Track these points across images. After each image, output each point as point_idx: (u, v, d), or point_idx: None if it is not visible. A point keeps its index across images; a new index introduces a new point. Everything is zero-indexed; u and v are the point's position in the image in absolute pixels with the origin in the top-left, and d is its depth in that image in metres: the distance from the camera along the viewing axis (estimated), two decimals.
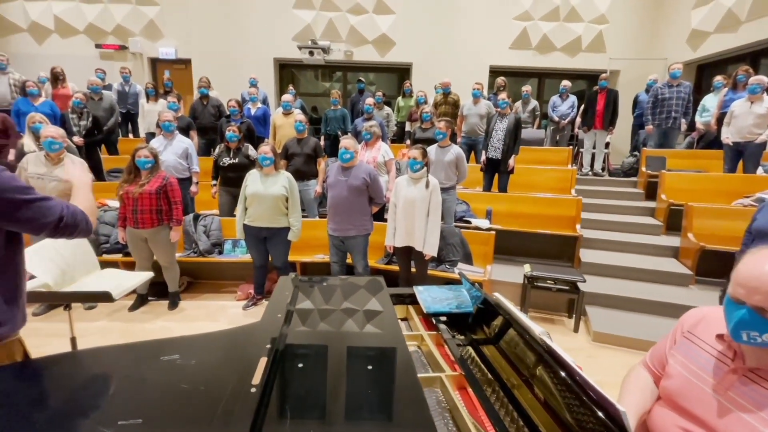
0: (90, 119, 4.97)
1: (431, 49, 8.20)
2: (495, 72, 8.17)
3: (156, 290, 3.66)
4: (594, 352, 3.09)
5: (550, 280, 3.40)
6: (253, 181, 3.35)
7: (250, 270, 4.06)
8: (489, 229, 4.04)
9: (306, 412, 0.84)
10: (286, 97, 5.40)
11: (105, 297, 1.53)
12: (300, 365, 1.02)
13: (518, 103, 6.65)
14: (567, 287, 3.37)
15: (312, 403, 0.86)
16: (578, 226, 4.23)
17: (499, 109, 4.78)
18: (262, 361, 0.91)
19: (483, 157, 4.86)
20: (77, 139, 4.71)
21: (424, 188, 3.06)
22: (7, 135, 4.39)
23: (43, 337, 3.07)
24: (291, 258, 3.66)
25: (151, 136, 5.62)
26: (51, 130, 3.22)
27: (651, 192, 5.19)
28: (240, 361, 0.99)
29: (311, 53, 7.64)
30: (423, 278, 3.27)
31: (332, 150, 5.84)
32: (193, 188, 4.37)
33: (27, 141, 3.84)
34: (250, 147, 4.28)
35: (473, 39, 8.15)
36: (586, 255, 4.15)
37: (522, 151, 4.90)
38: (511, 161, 4.63)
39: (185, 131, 4.94)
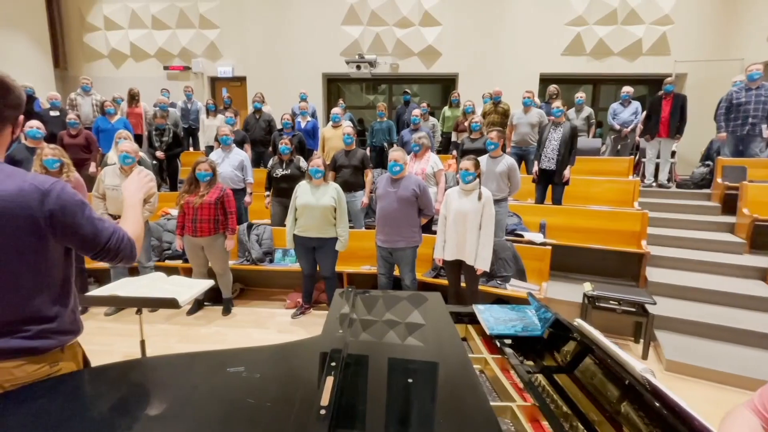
0: (171, 135, 5.38)
1: (478, 58, 8.09)
2: (546, 80, 7.87)
3: (211, 296, 3.82)
4: (669, 383, 2.78)
5: (614, 301, 3.13)
6: (303, 193, 3.42)
7: (298, 279, 4.14)
8: (544, 244, 3.83)
9: None
10: (336, 110, 5.53)
11: (172, 303, 1.60)
12: (365, 386, 0.98)
13: (571, 111, 6.33)
14: (633, 309, 3.09)
15: (381, 430, 0.81)
16: (644, 242, 3.89)
17: (552, 118, 4.57)
18: (329, 381, 0.88)
19: (535, 168, 4.65)
20: (159, 153, 5.12)
21: (477, 200, 2.96)
22: (89, 150, 4.87)
23: (113, 336, 3.30)
24: (338, 268, 3.68)
25: (209, 149, 5.97)
26: (126, 145, 3.50)
27: (729, 205, 4.68)
28: (304, 378, 0.97)
29: (358, 67, 7.81)
30: (473, 294, 3.14)
31: (378, 161, 5.88)
32: (247, 198, 4.56)
33: (111, 154, 4.22)
34: (302, 159, 4.41)
35: (522, 47, 7.94)
36: (653, 274, 3.79)
37: (577, 161, 4.63)
38: (567, 172, 4.39)
39: (240, 144, 5.20)
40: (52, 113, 5.57)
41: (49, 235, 0.98)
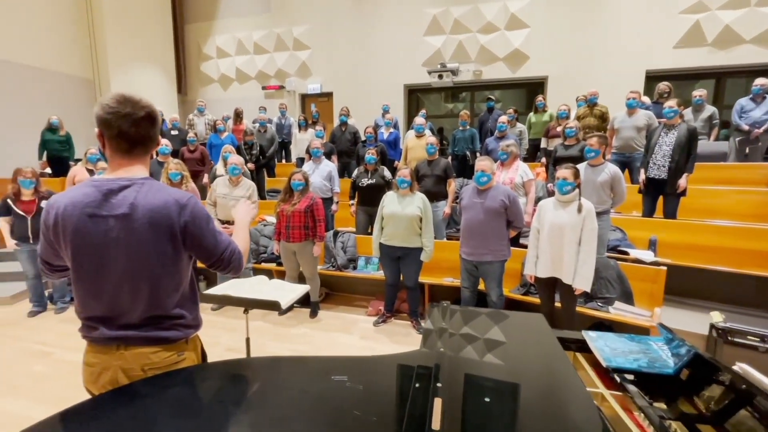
0: (258, 149, 5.95)
1: (571, 59, 7.52)
2: (654, 77, 7.00)
3: (299, 298, 4.05)
4: None
5: (754, 337, 2.59)
6: (390, 202, 3.47)
7: (380, 287, 4.20)
8: (656, 263, 3.35)
9: None
10: (418, 120, 5.56)
11: (274, 306, 1.72)
12: (475, 411, 0.92)
13: (687, 111, 5.50)
14: None
15: None
16: None
17: (664, 120, 4.02)
18: (438, 403, 0.84)
19: (641, 177, 4.13)
20: (249, 165, 5.68)
21: (576, 212, 2.70)
22: (203, 163, 5.57)
23: (218, 329, 3.68)
24: (420, 279, 3.65)
25: (300, 161, 6.43)
26: (235, 158, 3.93)
27: None
28: (408, 394, 0.95)
29: (440, 76, 7.79)
30: (570, 316, 2.86)
31: (460, 170, 5.76)
32: (333, 207, 4.78)
33: (219, 167, 4.78)
34: (386, 169, 4.49)
35: (624, 42, 7.18)
36: None
37: (696, 168, 3.99)
38: (683, 181, 3.81)
39: (328, 156, 5.50)
40: (173, 132, 6.53)
41: (181, 243, 1.11)
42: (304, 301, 4.03)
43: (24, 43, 7.22)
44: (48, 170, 6.32)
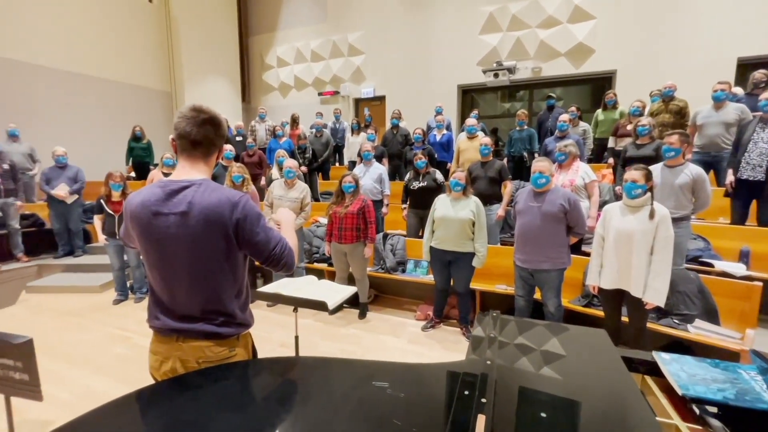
0: (310, 153, 6.18)
1: (644, 49, 6.87)
2: (746, 65, 6.16)
3: (349, 299, 4.11)
4: None
5: None
6: (442, 205, 3.40)
7: (428, 291, 4.14)
8: (749, 278, 2.92)
9: None
10: (470, 121, 5.41)
11: (322, 306, 1.75)
12: (524, 427, 0.85)
13: None
14: None
15: None
16: None
17: (760, 113, 3.51)
18: (481, 420, 0.79)
19: (729, 179, 3.64)
20: (302, 168, 5.91)
21: (647, 219, 2.44)
22: (261, 167, 5.90)
23: (272, 324, 3.85)
24: (471, 285, 3.53)
25: (352, 164, 6.56)
26: (290, 162, 4.11)
27: None
28: (450, 406, 0.90)
29: (496, 75, 7.53)
30: (639, 332, 2.59)
31: (516, 172, 5.51)
32: (384, 209, 4.80)
33: (274, 171, 5.03)
34: (437, 171, 4.42)
35: (709, 28, 6.41)
36: None
37: None
38: None
39: (379, 159, 5.55)
40: (238, 138, 6.99)
41: (234, 240, 1.16)
42: (353, 302, 4.09)
43: (114, 62, 8.18)
44: (133, 174, 7.08)
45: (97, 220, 4.29)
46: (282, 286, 2.14)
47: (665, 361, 1.24)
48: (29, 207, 5.62)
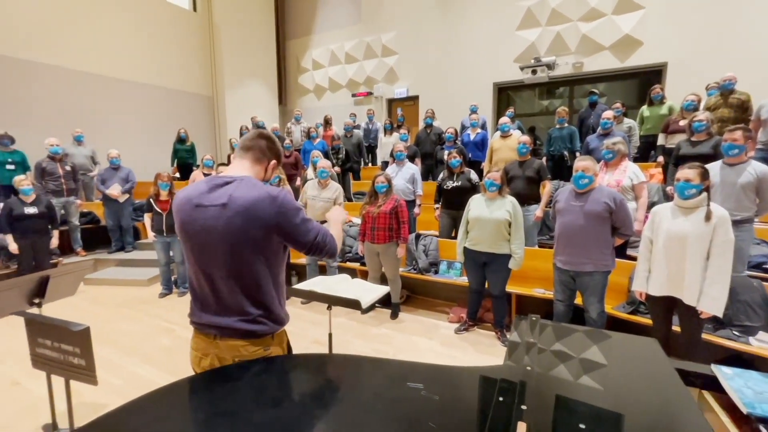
0: (344, 153, 6.26)
1: (699, 40, 6.39)
2: None
3: (381, 298, 4.11)
4: None
5: None
6: (476, 205, 3.33)
7: (461, 293, 4.06)
8: None
9: None
10: (505, 119, 5.27)
11: (356, 305, 1.75)
12: None
13: None
14: None
15: None
16: None
17: None
18: (522, 428, 0.76)
19: None
20: (336, 168, 5.99)
21: (703, 221, 2.26)
22: (297, 167, 6.03)
23: (305, 322, 3.93)
24: (507, 288, 3.42)
25: (385, 164, 6.57)
26: (324, 163, 4.17)
27: None
28: (488, 411, 0.87)
29: (534, 72, 7.28)
30: (693, 344, 2.40)
31: (555, 172, 5.29)
32: (416, 210, 4.77)
33: (310, 171, 5.13)
34: (472, 171, 4.34)
35: None
36: None
37: None
38: None
39: (411, 159, 5.52)
40: None
41: (274, 233, 1.19)
42: (386, 302, 4.09)
43: (161, 69, 8.68)
44: (177, 175, 7.48)
45: (146, 218, 4.57)
46: (316, 283, 2.17)
47: (727, 375, 1.13)
48: (87, 205, 6.07)
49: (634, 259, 3.54)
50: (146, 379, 2.90)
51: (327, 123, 7.78)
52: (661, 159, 4.60)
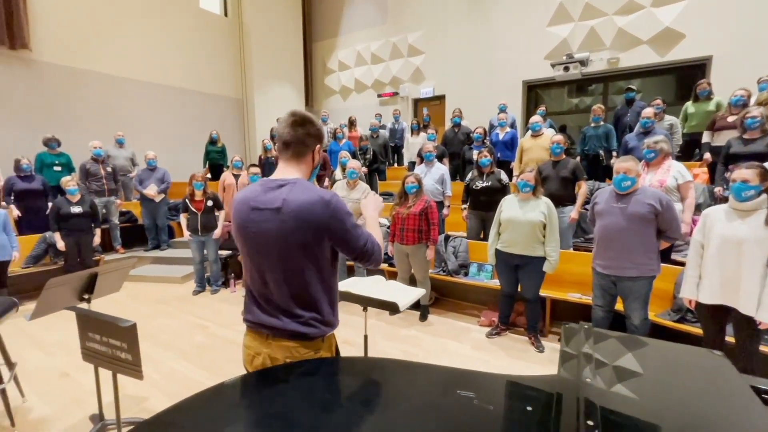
0: (371, 154, 6.26)
1: (747, 31, 6.01)
2: None
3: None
4: None
5: None
6: (509, 206, 3.25)
7: (492, 296, 3.97)
8: None
9: None
10: (535, 118, 5.12)
11: (393, 307, 1.73)
12: None
13: None
14: None
15: None
16: None
17: None
18: None
19: None
20: (363, 168, 6.00)
21: (762, 225, 2.10)
22: (325, 168, 6.08)
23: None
24: (540, 292, 3.32)
25: (412, 165, 6.53)
26: (354, 163, 4.18)
27: None
28: (548, 426, 0.82)
29: (566, 68, 7.06)
30: (750, 356, 2.24)
31: (590, 172, 5.10)
32: (445, 211, 4.71)
33: (338, 172, 5.16)
34: (502, 172, 4.24)
35: None
36: None
37: None
38: None
39: (439, 159, 5.45)
40: None
41: (325, 237, 1.19)
42: (414, 304, 4.03)
43: (194, 73, 8.97)
44: (209, 175, 7.70)
45: (182, 218, 4.71)
46: (351, 284, 2.17)
47: None
48: (126, 205, 6.34)
49: (679, 263, 3.37)
50: (182, 374, 2.99)
51: (351, 124, 7.82)
52: (708, 156, 4.34)
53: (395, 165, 8.22)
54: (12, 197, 4.88)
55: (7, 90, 6.22)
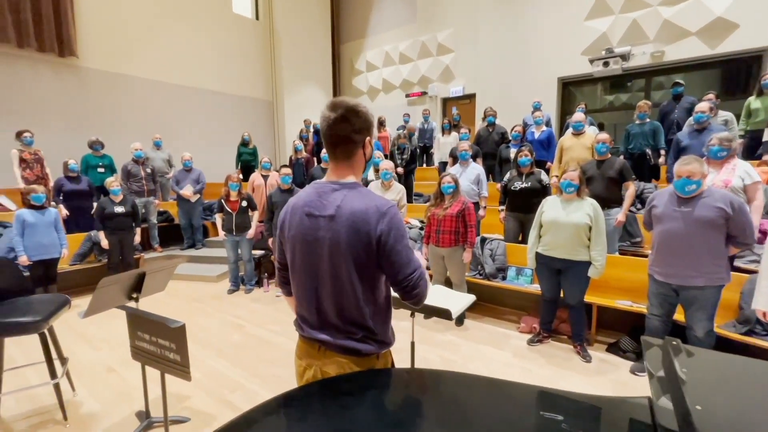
0: (408, 154, 6.16)
1: None
2: None
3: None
4: None
5: None
6: (551, 207, 3.09)
7: (532, 301, 3.82)
8: None
9: None
10: (578, 116, 4.89)
11: (446, 314, 1.65)
12: None
13: None
14: None
15: None
16: None
17: None
18: None
19: None
20: (399, 169, 5.93)
21: None
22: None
23: None
24: (586, 298, 3.14)
25: (443, 165, 6.40)
26: (387, 164, 4.11)
27: None
28: None
29: (606, 64, 6.74)
30: None
31: (636, 172, 4.82)
32: (481, 212, 4.56)
33: (370, 172, 5.12)
34: (542, 172, 4.07)
35: None
36: None
37: None
38: None
39: (473, 158, 5.30)
40: None
41: (375, 251, 1.07)
42: None
43: (226, 76, 9.18)
44: (240, 176, 7.83)
45: (218, 218, 4.80)
46: None
47: None
48: (163, 205, 6.54)
49: (743, 271, 3.11)
50: (221, 373, 3.01)
51: (381, 124, 7.77)
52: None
53: (424, 165, 8.11)
54: (61, 197, 5.11)
55: (56, 96, 6.55)
